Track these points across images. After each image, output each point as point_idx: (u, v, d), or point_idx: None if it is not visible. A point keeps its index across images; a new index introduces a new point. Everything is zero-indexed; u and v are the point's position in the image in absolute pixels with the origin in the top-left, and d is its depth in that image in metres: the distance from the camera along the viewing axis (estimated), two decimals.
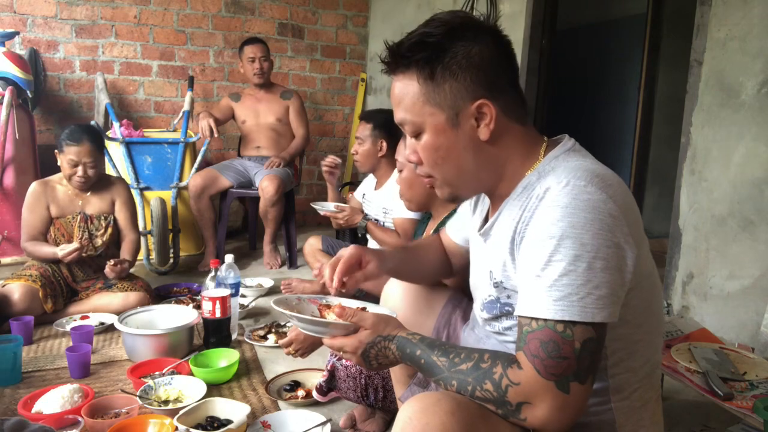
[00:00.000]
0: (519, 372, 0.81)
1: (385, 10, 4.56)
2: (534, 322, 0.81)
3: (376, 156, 2.53)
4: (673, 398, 1.89)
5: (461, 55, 0.89)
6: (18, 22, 3.81)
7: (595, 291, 0.79)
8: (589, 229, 0.79)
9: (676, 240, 2.29)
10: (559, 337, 0.79)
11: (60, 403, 1.63)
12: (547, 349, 0.79)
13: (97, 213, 2.58)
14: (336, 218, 2.58)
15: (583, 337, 0.79)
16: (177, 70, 4.27)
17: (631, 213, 0.85)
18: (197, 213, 3.36)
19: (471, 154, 0.93)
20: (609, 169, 0.90)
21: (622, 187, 0.88)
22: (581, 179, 0.83)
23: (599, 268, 0.79)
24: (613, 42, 4.71)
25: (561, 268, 0.79)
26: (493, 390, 0.82)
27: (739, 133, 2.07)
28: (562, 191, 0.82)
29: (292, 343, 1.72)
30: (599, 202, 0.81)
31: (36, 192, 2.51)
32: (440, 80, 0.90)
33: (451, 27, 0.90)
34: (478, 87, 0.90)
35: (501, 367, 0.82)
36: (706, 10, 2.16)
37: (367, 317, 0.99)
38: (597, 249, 0.79)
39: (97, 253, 2.58)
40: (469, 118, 0.91)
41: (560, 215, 0.80)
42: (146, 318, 2.19)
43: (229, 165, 3.51)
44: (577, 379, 0.79)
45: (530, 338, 0.81)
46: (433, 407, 0.81)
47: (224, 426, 1.54)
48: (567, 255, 0.79)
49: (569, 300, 0.79)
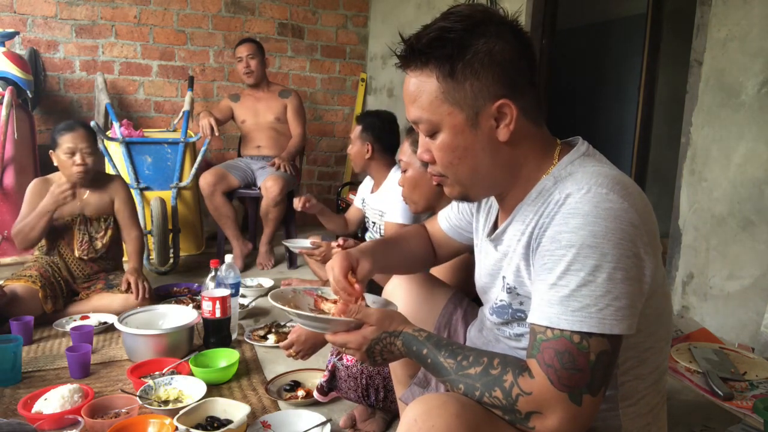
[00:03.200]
0: (531, 381, 0.79)
1: (385, 10, 4.56)
2: (549, 331, 0.79)
3: (364, 158, 2.52)
4: (673, 398, 1.88)
5: (483, 52, 0.85)
6: (18, 22, 3.81)
7: (614, 302, 0.77)
8: (611, 239, 0.77)
9: (676, 240, 2.29)
10: (575, 348, 0.77)
11: (60, 403, 1.63)
12: (562, 360, 0.77)
13: (96, 214, 2.58)
14: (312, 254, 2.38)
15: (599, 349, 0.77)
16: (177, 70, 4.27)
17: (650, 221, 0.83)
18: (214, 212, 3.32)
19: (488, 155, 0.90)
20: (626, 175, 0.88)
21: (641, 194, 0.85)
22: (603, 186, 0.81)
23: (619, 279, 0.77)
24: (613, 42, 4.70)
25: (580, 278, 0.78)
26: (503, 398, 0.80)
27: (739, 133, 2.07)
28: (582, 198, 0.80)
29: (293, 345, 1.72)
30: (621, 211, 0.78)
31: (36, 189, 2.50)
32: (461, 78, 0.86)
33: (472, 22, 0.86)
34: (500, 86, 0.86)
35: (512, 375, 0.80)
36: (706, 10, 2.16)
37: (371, 313, 0.97)
38: (618, 259, 0.77)
39: (98, 256, 2.58)
40: (489, 118, 0.87)
41: (581, 223, 0.78)
42: (146, 318, 2.19)
43: (236, 165, 3.49)
44: (590, 391, 0.77)
45: (545, 347, 0.79)
46: (439, 409, 0.81)
47: (224, 426, 1.54)
48: (587, 265, 0.77)
49: (588, 311, 0.77)
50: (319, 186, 4.83)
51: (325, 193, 4.85)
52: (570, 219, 0.80)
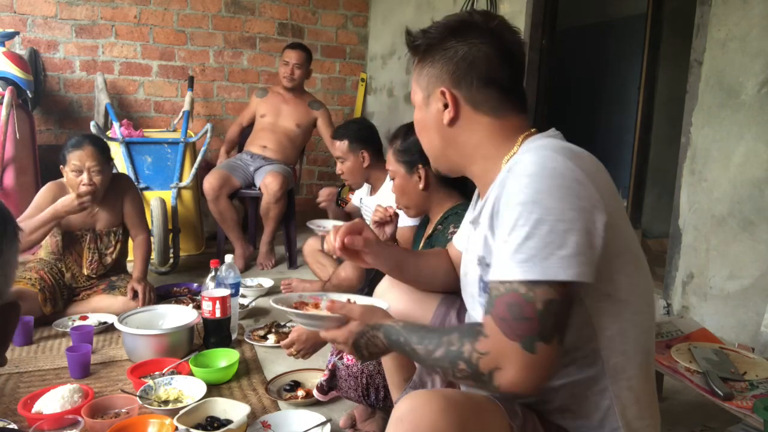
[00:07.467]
0: (485, 340, 0.84)
1: (385, 10, 4.56)
2: (501, 286, 0.84)
3: (362, 168, 2.50)
4: (673, 398, 1.89)
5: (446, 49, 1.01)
6: (18, 22, 3.81)
7: (557, 251, 0.80)
8: (554, 194, 0.82)
9: (676, 240, 2.29)
10: (522, 298, 0.81)
11: (60, 403, 1.63)
12: (512, 311, 0.81)
13: (107, 227, 2.52)
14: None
15: (545, 297, 0.80)
16: (177, 70, 4.27)
17: (602, 182, 0.88)
18: (218, 216, 3.30)
19: (437, 134, 1.05)
20: (583, 150, 0.94)
21: (595, 162, 0.91)
22: (549, 149, 0.88)
23: (562, 230, 0.81)
24: (613, 42, 4.70)
25: (525, 231, 0.82)
26: (467, 368, 0.85)
27: (739, 133, 2.08)
28: (529, 161, 0.86)
29: (294, 344, 1.72)
30: (565, 169, 0.84)
31: (49, 192, 2.42)
32: (423, 66, 1.04)
33: (448, 27, 1.02)
34: (447, 77, 1.00)
35: (469, 344, 0.85)
36: (706, 10, 2.16)
37: (354, 309, 1.06)
38: (560, 212, 0.81)
39: (106, 270, 2.57)
40: (436, 101, 1.02)
41: (526, 182, 0.84)
42: (146, 318, 2.19)
43: (235, 165, 3.47)
44: (541, 338, 0.80)
45: (498, 302, 0.83)
46: (424, 407, 0.83)
47: (224, 426, 1.54)
48: (530, 219, 0.82)
49: (532, 262, 0.81)
50: (319, 186, 4.80)
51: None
52: (518, 179, 0.86)
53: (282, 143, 3.58)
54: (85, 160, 2.33)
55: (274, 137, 3.57)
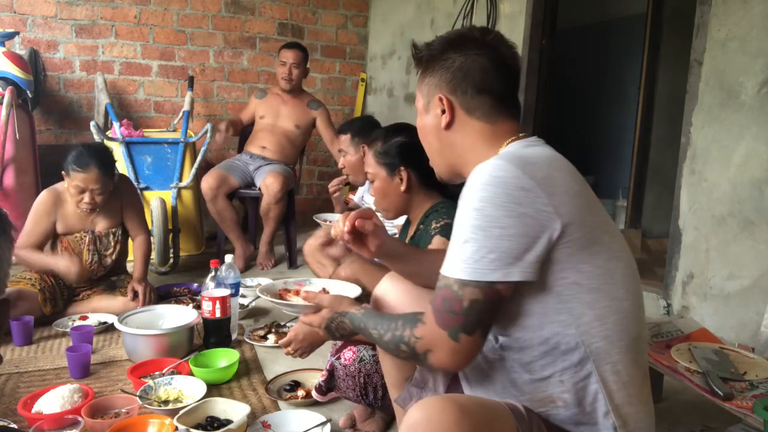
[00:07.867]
0: (423, 327, 0.97)
1: (385, 10, 4.56)
2: (442, 280, 0.95)
3: (363, 163, 2.50)
4: (673, 398, 1.89)
5: (445, 60, 1.10)
6: (18, 22, 3.81)
7: (488, 255, 0.90)
8: (494, 202, 0.90)
9: (676, 240, 2.29)
10: (453, 294, 0.92)
11: (60, 403, 1.63)
12: (444, 305, 0.93)
13: (106, 229, 2.52)
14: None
15: (471, 297, 0.91)
16: (177, 70, 4.27)
17: (558, 185, 0.94)
18: (217, 216, 3.30)
19: (436, 136, 1.14)
20: (553, 152, 1.03)
21: (554, 166, 0.98)
22: (502, 159, 0.96)
23: (495, 236, 0.90)
24: (613, 42, 4.70)
25: (465, 235, 0.92)
26: (407, 349, 0.99)
27: (739, 133, 2.07)
28: (480, 170, 0.95)
29: (291, 343, 1.72)
30: (511, 178, 0.92)
31: (45, 204, 2.40)
32: (425, 75, 1.14)
33: (448, 41, 1.11)
34: (444, 85, 1.09)
35: (409, 329, 0.99)
36: (706, 10, 2.16)
37: (324, 298, 1.25)
38: (497, 219, 0.90)
39: (106, 271, 2.57)
40: (435, 107, 1.11)
41: (473, 190, 0.93)
42: (146, 318, 2.19)
43: (234, 165, 3.47)
44: (465, 331, 0.92)
45: (438, 294, 0.95)
46: (439, 417, 0.87)
47: (224, 426, 1.54)
48: (471, 225, 0.91)
49: (466, 263, 0.91)
50: (319, 186, 4.83)
51: (325, 193, 4.84)
52: (470, 186, 0.95)
53: (281, 144, 3.57)
54: (89, 183, 2.31)
55: (274, 138, 3.56)
